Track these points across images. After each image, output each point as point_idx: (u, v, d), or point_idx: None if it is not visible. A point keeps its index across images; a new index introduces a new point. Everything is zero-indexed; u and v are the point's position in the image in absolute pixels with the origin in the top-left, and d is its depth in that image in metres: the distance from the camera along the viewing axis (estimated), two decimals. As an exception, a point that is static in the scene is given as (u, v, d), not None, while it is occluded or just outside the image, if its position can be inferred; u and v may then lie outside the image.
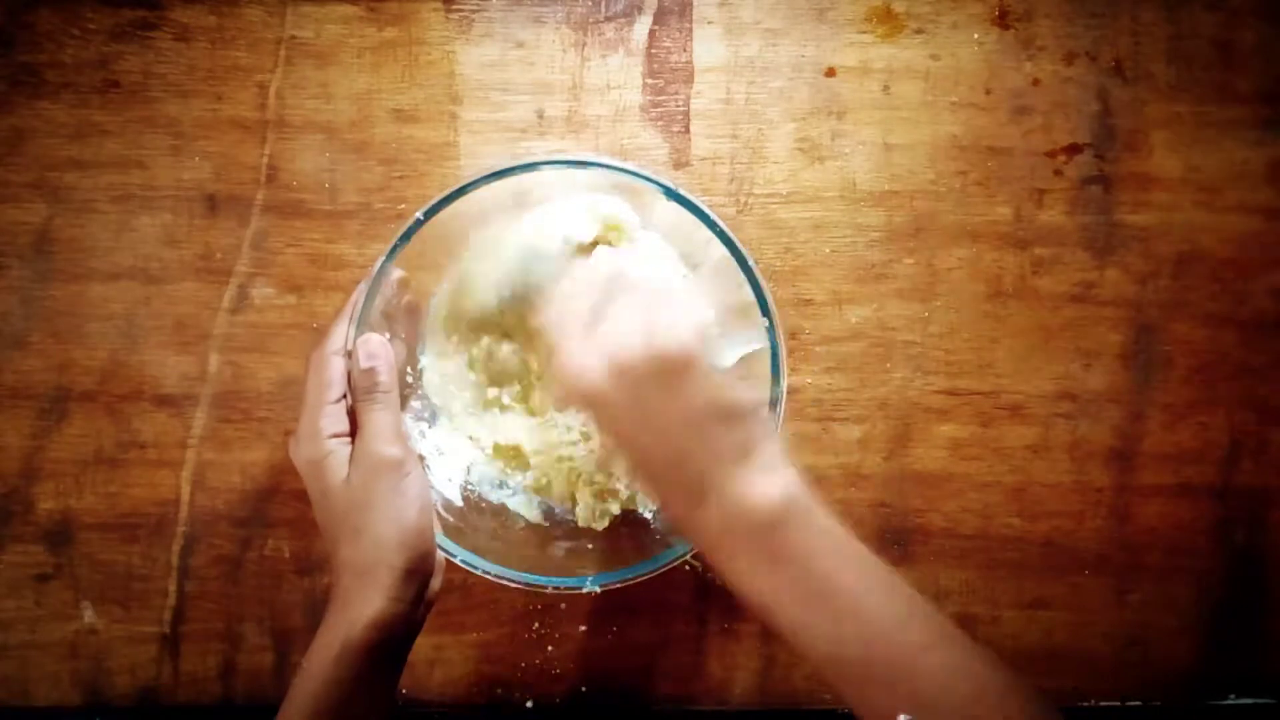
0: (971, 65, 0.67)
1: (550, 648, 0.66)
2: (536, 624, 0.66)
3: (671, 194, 0.53)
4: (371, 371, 0.50)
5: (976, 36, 0.67)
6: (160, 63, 0.66)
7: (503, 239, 0.58)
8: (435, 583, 0.51)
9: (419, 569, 0.49)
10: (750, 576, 0.43)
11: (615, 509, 0.60)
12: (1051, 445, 0.67)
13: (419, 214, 0.52)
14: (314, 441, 0.49)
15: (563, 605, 0.66)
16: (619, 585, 0.54)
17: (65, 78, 0.65)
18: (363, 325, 0.52)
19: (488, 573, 0.53)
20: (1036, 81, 0.67)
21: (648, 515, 0.60)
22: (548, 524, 0.61)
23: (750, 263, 0.53)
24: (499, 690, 0.66)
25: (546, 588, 0.53)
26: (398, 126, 0.66)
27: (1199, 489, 0.67)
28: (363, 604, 0.47)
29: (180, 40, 0.66)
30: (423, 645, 0.65)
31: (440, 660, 0.66)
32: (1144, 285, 0.67)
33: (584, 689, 0.66)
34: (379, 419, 0.50)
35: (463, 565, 0.53)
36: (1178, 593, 0.67)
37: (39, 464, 0.65)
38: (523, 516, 0.60)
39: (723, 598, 0.66)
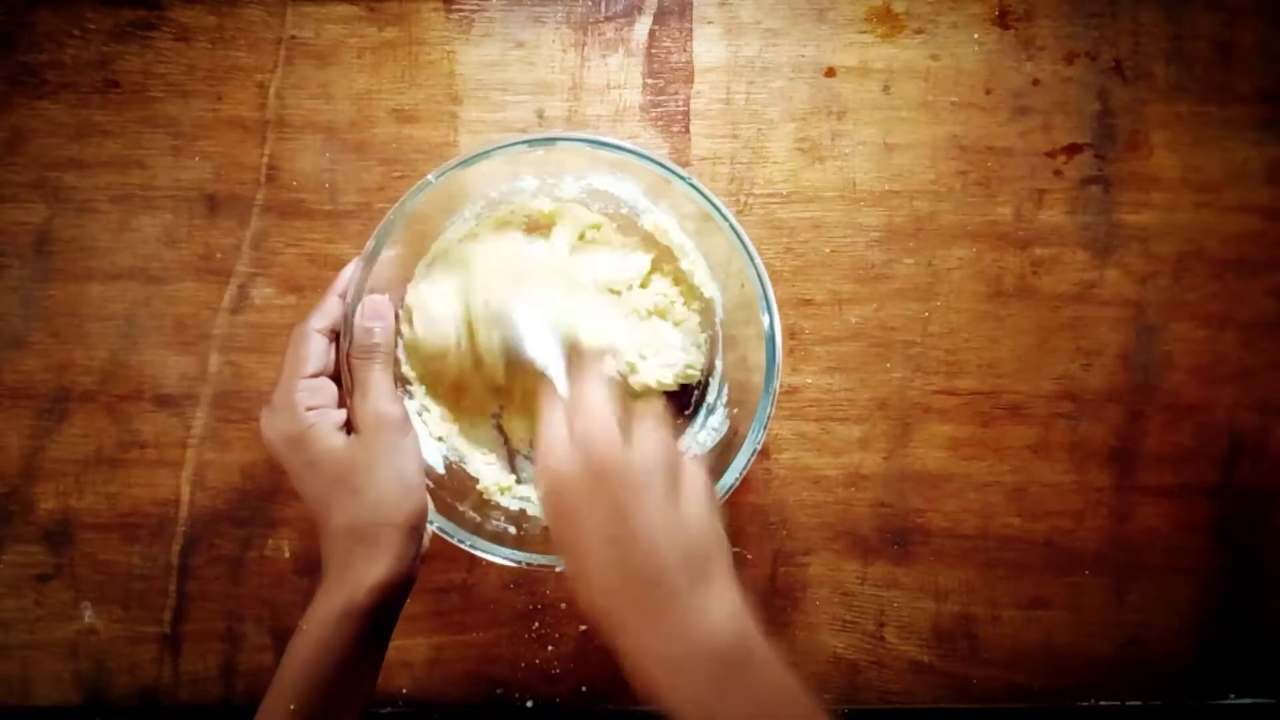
0: (971, 65, 0.67)
1: (550, 648, 0.66)
2: (536, 624, 0.66)
3: (684, 180, 0.54)
4: (373, 331, 0.51)
5: (976, 36, 0.67)
6: (160, 63, 0.66)
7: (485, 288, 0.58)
8: (425, 538, 0.52)
9: (418, 525, 0.49)
10: (695, 707, 0.41)
11: None
12: (1051, 445, 0.67)
13: (430, 176, 0.52)
14: (291, 414, 0.49)
15: (563, 605, 0.66)
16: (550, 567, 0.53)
17: (65, 78, 0.65)
18: (358, 297, 0.52)
19: (461, 542, 0.53)
20: (1036, 81, 0.67)
21: None
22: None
23: (750, 248, 0.54)
24: (499, 690, 0.66)
25: (520, 564, 0.53)
26: (398, 126, 0.66)
27: (1199, 489, 0.67)
28: (366, 566, 0.47)
29: (180, 40, 0.66)
30: (423, 645, 0.65)
31: (440, 660, 0.66)
32: (1144, 285, 0.67)
33: (584, 689, 0.66)
34: (379, 379, 0.50)
35: (438, 533, 0.53)
36: (1178, 593, 0.67)
37: (39, 464, 0.65)
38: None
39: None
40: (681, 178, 0.54)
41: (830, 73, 0.67)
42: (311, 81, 0.66)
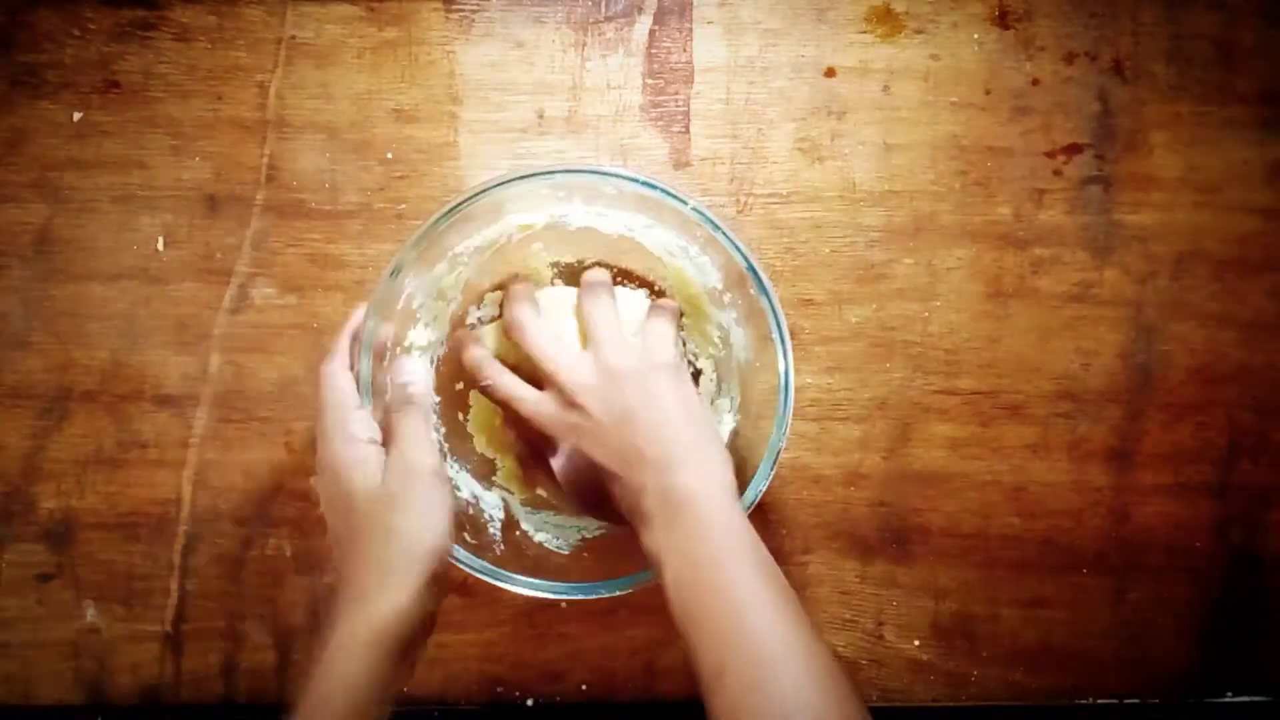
0: (971, 65, 0.67)
1: (550, 647, 0.66)
2: (537, 623, 0.66)
3: (694, 210, 0.55)
4: (408, 385, 0.54)
5: (976, 36, 0.67)
6: (160, 63, 0.66)
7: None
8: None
9: (441, 574, 0.50)
10: (653, 533, 0.50)
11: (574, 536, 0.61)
12: (1051, 445, 0.67)
13: (479, 184, 0.54)
14: (352, 444, 0.51)
15: (563, 604, 0.66)
16: (556, 599, 0.57)
17: (65, 78, 0.65)
18: (374, 329, 0.54)
19: (454, 558, 0.54)
20: (1036, 81, 0.67)
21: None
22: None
23: (763, 277, 0.54)
24: (499, 689, 0.66)
25: (503, 584, 0.54)
26: (398, 126, 0.66)
27: (1198, 489, 0.67)
28: (384, 599, 0.48)
29: (180, 40, 0.66)
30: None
31: (440, 660, 0.66)
32: (1144, 285, 0.67)
33: (584, 688, 0.66)
34: (416, 429, 0.52)
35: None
36: (1177, 592, 0.67)
37: (40, 464, 0.65)
38: (493, 512, 0.62)
39: (723, 597, 0.66)
40: (737, 249, 0.54)
41: (830, 73, 0.67)
42: (311, 81, 0.66)
